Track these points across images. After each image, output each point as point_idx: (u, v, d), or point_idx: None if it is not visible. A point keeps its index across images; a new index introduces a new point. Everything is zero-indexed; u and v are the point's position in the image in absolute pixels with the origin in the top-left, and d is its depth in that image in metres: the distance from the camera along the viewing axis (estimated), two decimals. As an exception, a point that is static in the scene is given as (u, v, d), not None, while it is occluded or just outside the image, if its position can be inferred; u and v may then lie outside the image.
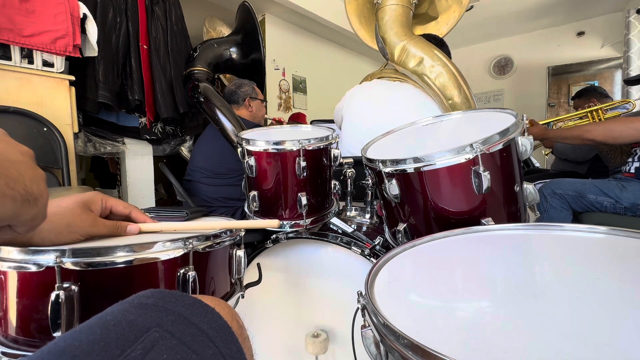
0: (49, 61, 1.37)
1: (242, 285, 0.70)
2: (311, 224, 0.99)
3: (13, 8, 1.25)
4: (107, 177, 2.74)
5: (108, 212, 0.56)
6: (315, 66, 4.30)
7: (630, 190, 1.44)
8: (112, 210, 0.57)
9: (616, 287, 0.38)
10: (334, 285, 1.04)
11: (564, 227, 0.57)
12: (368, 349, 0.40)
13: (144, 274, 0.49)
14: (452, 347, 0.30)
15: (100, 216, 0.54)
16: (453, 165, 0.65)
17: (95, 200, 0.53)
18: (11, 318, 0.46)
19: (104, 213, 0.55)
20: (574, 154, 2.27)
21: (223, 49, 2.20)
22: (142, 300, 0.33)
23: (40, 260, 0.44)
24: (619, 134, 1.36)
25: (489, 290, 0.42)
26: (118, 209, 0.57)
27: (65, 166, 1.37)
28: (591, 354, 0.28)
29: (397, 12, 1.56)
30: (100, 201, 0.54)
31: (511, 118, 0.73)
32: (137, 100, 1.87)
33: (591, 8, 4.12)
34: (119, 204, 0.57)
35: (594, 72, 4.45)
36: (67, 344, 0.26)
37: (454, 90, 1.42)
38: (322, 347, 0.99)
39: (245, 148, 0.95)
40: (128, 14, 1.84)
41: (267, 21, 3.67)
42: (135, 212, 0.59)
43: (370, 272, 0.48)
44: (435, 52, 1.47)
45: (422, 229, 0.74)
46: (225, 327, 0.36)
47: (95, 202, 0.53)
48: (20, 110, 1.29)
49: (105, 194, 0.56)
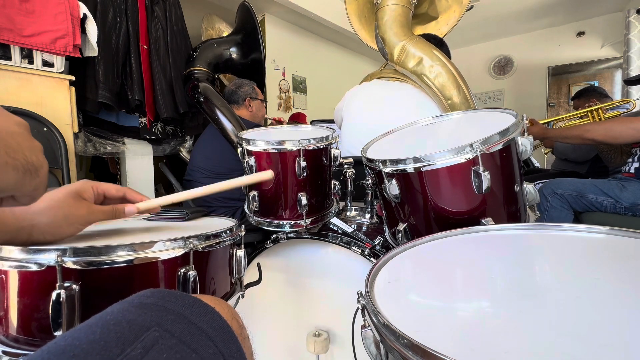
0: (49, 61, 1.37)
1: (242, 285, 0.70)
2: (311, 224, 0.99)
3: (13, 8, 1.25)
4: (107, 177, 2.73)
5: (102, 198, 0.56)
6: (315, 66, 4.30)
7: (630, 190, 1.44)
8: (106, 195, 0.56)
9: (616, 287, 0.38)
10: (334, 285, 1.04)
11: (564, 227, 0.57)
12: (368, 349, 0.40)
13: (144, 273, 0.49)
14: (452, 347, 0.30)
15: (95, 203, 0.54)
16: (453, 165, 0.65)
17: (86, 188, 0.53)
18: (12, 317, 0.46)
19: (98, 199, 0.55)
20: (574, 154, 2.26)
21: (223, 49, 2.20)
22: (142, 299, 0.33)
23: (41, 260, 0.44)
24: (619, 133, 1.36)
25: (489, 290, 0.42)
26: (111, 192, 0.57)
27: (65, 166, 1.37)
28: (591, 354, 0.28)
29: (396, 12, 1.56)
30: (91, 188, 0.54)
31: (511, 118, 0.73)
32: (137, 100, 1.87)
33: (591, 8, 4.12)
34: (111, 187, 0.57)
35: (594, 72, 4.44)
36: (67, 343, 0.26)
37: (453, 90, 1.42)
38: (324, 346, 1.00)
39: (245, 148, 0.95)
40: (128, 14, 1.84)
41: (267, 21, 3.67)
42: (129, 192, 0.59)
43: (370, 272, 0.48)
44: (435, 52, 1.47)
45: (422, 229, 0.74)
46: (225, 326, 0.36)
47: (86, 189, 0.53)
48: (20, 110, 1.29)
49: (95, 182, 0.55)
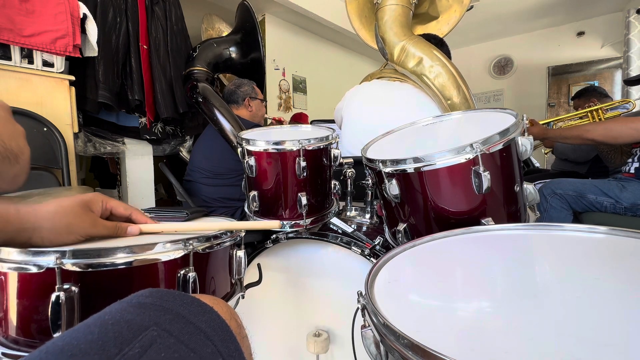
0: (49, 61, 1.37)
1: (243, 285, 0.70)
2: (311, 224, 0.99)
3: (13, 8, 1.25)
4: (107, 177, 2.73)
5: (108, 214, 0.56)
6: (315, 66, 4.30)
7: (630, 190, 1.44)
8: (113, 211, 0.57)
9: (616, 287, 0.38)
10: (334, 285, 1.04)
11: (564, 227, 0.57)
12: (368, 349, 0.40)
13: (144, 275, 0.49)
14: (452, 347, 0.30)
15: (101, 217, 0.54)
16: (453, 165, 0.65)
17: (96, 201, 0.53)
18: (11, 319, 0.46)
19: (105, 214, 0.56)
20: (574, 154, 2.26)
21: (222, 49, 2.20)
22: (140, 299, 0.33)
23: (40, 262, 0.44)
24: (618, 133, 1.36)
25: (489, 290, 0.42)
26: (118, 210, 0.57)
27: (65, 166, 1.37)
28: (591, 354, 0.28)
29: (396, 12, 1.56)
30: (100, 202, 0.54)
31: (511, 118, 0.73)
32: (137, 100, 1.87)
33: (591, 8, 4.11)
34: (119, 205, 0.57)
35: (594, 72, 4.44)
36: (65, 343, 0.26)
37: (453, 91, 1.42)
38: (324, 346, 0.99)
39: (245, 148, 0.95)
40: (128, 14, 1.84)
41: (267, 21, 3.66)
42: (136, 213, 0.59)
43: (370, 272, 0.48)
44: (435, 52, 1.47)
45: (422, 229, 0.74)
46: (223, 325, 0.36)
47: (96, 202, 0.53)
48: (20, 110, 1.29)
49: (106, 195, 0.56)
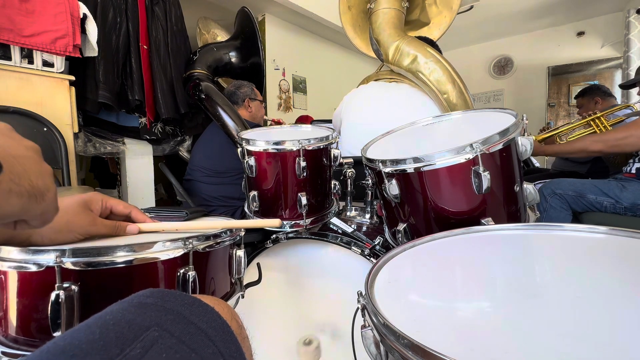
0: (49, 61, 1.37)
1: (242, 285, 0.70)
2: (311, 224, 0.99)
3: (13, 8, 1.25)
4: (107, 177, 2.73)
5: (108, 212, 0.56)
6: (315, 66, 4.29)
7: (630, 190, 1.44)
8: (112, 210, 0.57)
9: (616, 287, 0.38)
10: (334, 285, 1.03)
11: (564, 227, 0.57)
12: (368, 349, 0.40)
13: (144, 273, 0.49)
14: (452, 347, 0.30)
15: (100, 216, 0.54)
16: (453, 165, 0.66)
17: (96, 200, 0.54)
18: (11, 318, 0.46)
19: (104, 213, 0.56)
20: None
21: (222, 53, 2.23)
22: (142, 299, 0.33)
23: (40, 260, 0.44)
24: (624, 142, 1.37)
25: (489, 290, 0.42)
26: (118, 209, 0.57)
27: (65, 166, 1.36)
28: (591, 354, 0.28)
29: (389, 15, 1.63)
30: (100, 201, 0.54)
31: (511, 118, 0.73)
32: (137, 100, 1.86)
33: (591, 8, 4.11)
34: (119, 204, 0.57)
35: (594, 72, 4.44)
36: (66, 343, 0.26)
37: (448, 85, 1.45)
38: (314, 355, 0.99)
39: (245, 148, 0.95)
40: (128, 14, 1.84)
41: (267, 21, 3.66)
42: (135, 212, 0.59)
43: (370, 272, 0.48)
44: (428, 49, 1.50)
45: (422, 229, 0.74)
46: (224, 326, 0.36)
47: (95, 201, 0.53)
48: (20, 110, 1.29)
49: (105, 194, 0.56)
